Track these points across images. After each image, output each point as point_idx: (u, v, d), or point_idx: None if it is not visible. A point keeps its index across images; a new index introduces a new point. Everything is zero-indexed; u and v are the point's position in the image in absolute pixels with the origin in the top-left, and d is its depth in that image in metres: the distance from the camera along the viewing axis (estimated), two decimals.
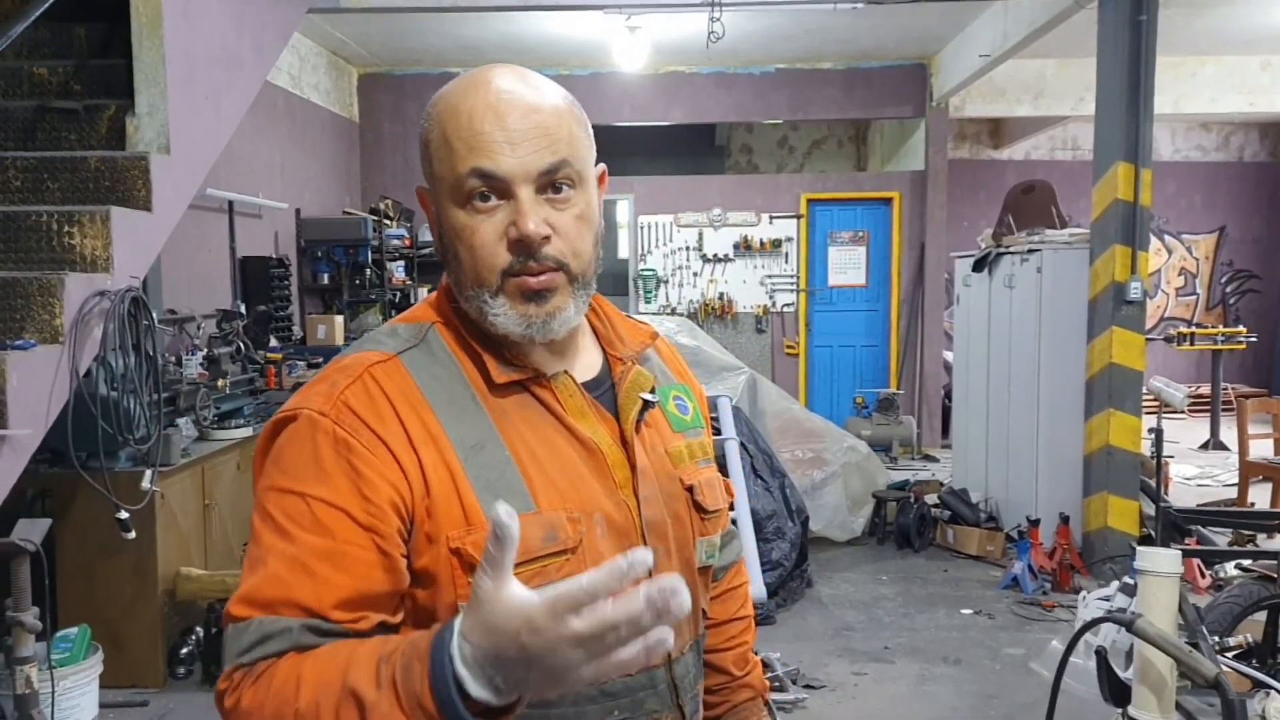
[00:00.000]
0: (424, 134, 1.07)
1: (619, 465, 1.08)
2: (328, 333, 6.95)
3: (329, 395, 1.00)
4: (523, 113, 1.01)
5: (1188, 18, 7.68)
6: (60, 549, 4.00)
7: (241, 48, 4.25)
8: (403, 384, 1.02)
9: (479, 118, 1.01)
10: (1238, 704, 1.81)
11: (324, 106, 8.37)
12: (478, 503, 0.99)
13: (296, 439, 0.99)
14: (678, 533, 1.13)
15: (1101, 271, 5.43)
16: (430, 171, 1.07)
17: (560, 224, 1.03)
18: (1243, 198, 11.81)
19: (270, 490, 0.98)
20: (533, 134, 1.01)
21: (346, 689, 0.86)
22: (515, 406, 1.06)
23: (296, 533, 0.95)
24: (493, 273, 1.03)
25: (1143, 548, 2.05)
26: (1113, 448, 5.45)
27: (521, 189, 1.01)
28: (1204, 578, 5.13)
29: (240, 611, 0.95)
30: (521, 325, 1.04)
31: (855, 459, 6.32)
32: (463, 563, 0.97)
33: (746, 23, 7.68)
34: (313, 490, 0.96)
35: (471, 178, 1.00)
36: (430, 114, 1.06)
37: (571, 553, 1.01)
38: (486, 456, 1.01)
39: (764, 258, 9.64)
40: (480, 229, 1.02)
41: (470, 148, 1.00)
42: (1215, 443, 9.20)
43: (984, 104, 9.59)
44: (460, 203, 1.03)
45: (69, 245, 3.21)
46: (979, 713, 3.93)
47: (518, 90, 1.03)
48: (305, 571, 0.94)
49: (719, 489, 1.21)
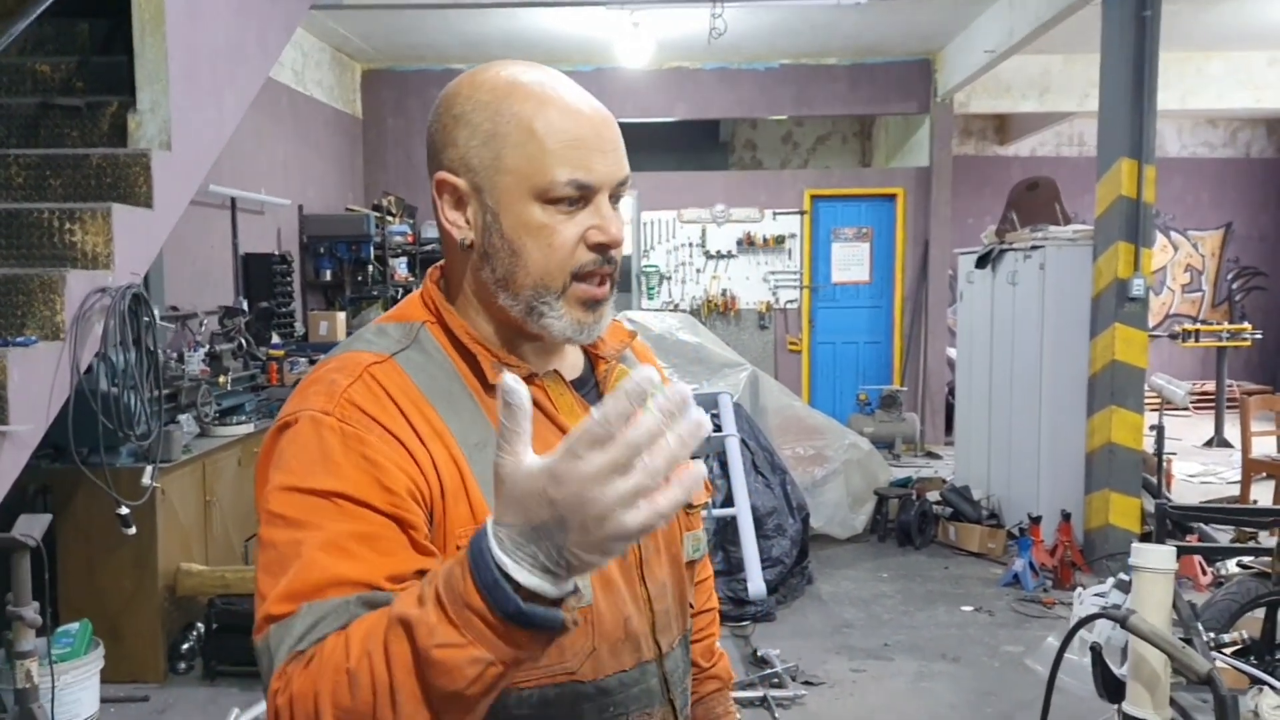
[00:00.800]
0: (480, 121, 1.03)
1: None
2: (330, 329, 6.96)
3: (330, 394, 0.97)
4: (605, 122, 1.05)
5: (1194, 13, 7.65)
6: (61, 544, 4.02)
7: (244, 44, 4.26)
8: (402, 383, 1.01)
9: (577, 122, 1.02)
10: (1230, 700, 1.81)
11: (327, 103, 8.38)
12: (484, 501, 0.97)
13: (300, 440, 0.95)
14: (665, 529, 1.13)
15: (1104, 268, 5.42)
16: (496, 161, 1.02)
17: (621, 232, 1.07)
18: (1249, 194, 11.77)
19: (278, 492, 0.94)
20: (614, 145, 1.05)
21: (391, 619, 0.81)
22: None
23: (322, 521, 0.90)
24: (563, 273, 1.03)
25: (1137, 544, 2.05)
26: (1115, 445, 5.44)
27: (602, 196, 1.03)
28: (1205, 574, 5.12)
29: (280, 608, 0.88)
30: (575, 330, 1.05)
31: (857, 456, 6.32)
32: None
33: (750, 18, 7.67)
34: (328, 486, 0.92)
35: (568, 185, 1.01)
36: (492, 102, 1.03)
37: None
38: (489, 455, 0.97)
39: (767, 254, 9.63)
40: (561, 230, 1.02)
41: (570, 153, 1.01)
42: (1219, 440, 9.18)
43: (989, 100, 9.57)
44: (544, 201, 1.02)
45: (70, 242, 3.23)
46: (977, 710, 3.94)
47: (589, 98, 1.06)
48: (343, 552, 0.89)
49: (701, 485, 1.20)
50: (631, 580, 1.08)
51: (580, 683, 1.03)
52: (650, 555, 1.11)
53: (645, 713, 1.09)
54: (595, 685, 1.04)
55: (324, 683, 0.82)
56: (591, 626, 1.03)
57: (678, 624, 1.16)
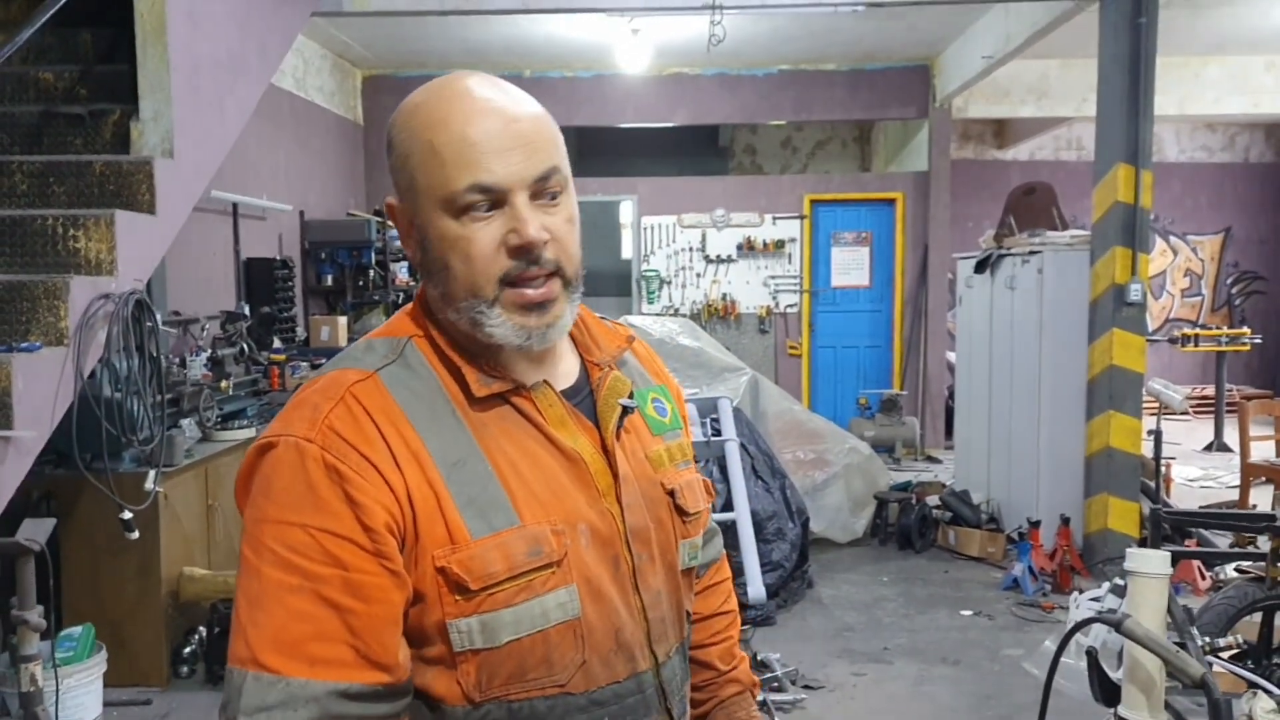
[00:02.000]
0: (399, 146, 1.04)
1: (601, 473, 1.08)
2: (331, 334, 6.98)
3: (313, 420, 0.98)
4: (510, 121, 1.02)
5: (1191, 18, 7.68)
6: (65, 549, 4.04)
7: (245, 52, 4.28)
8: (383, 402, 1.00)
9: (470, 128, 1.00)
10: (1224, 704, 1.83)
11: (328, 109, 8.41)
12: (461, 520, 0.98)
13: (285, 467, 0.97)
14: (660, 537, 1.13)
15: (1102, 273, 5.44)
16: (410, 184, 1.04)
17: (554, 228, 1.03)
18: (1248, 199, 11.79)
19: (265, 523, 0.96)
20: (525, 141, 1.01)
21: None
22: (495, 419, 1.05)
23: (307, 566, 0.94)
24: (490, 282, 1.02)
25: (1131, 549, 2.07)
26: (1113, 449, 5.46)
27: (518, 196, 1.01)
28: (1204, 579, 5.13)
29: (266, 659, 0.92)
30: (521, 336, 1.03)
31: (857, 460, 6.33)
32: (448, 581, 0.97)
33: (749, 25, 7.70)
34: (313, 521, 0.94)
35: (468, 191, 1.00)
36: (406, 125, 1.04)
37: (557, 565, 1.01)
38: (468, 472, 1.01)
39: (767, 258, 9.65)
40: (477, 238, 1.01)
41: (465, 160, 1.00)
42: (1219, 444, 9.19)
43: (987, 105, 9.59)
44: (454, 214, 1.01)
45: (74, 249, 3.25)
46: (976, 713, 3.95)
47: (500, 99, 1.03)
48: (329, 605, 0.93)
49: (699, 490, 1.21)
50: (625, 590, 1.08)
51: (571, 694, 1.03)
52: (644, 564, 1.10)
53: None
54: (587, 697, 1.04)
55: None
56: (581, 639, 1.03)
57: (674, 632, 1.15)
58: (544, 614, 1.00)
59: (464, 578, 0.97)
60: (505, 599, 0.99)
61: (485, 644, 0.99)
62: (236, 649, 0.95)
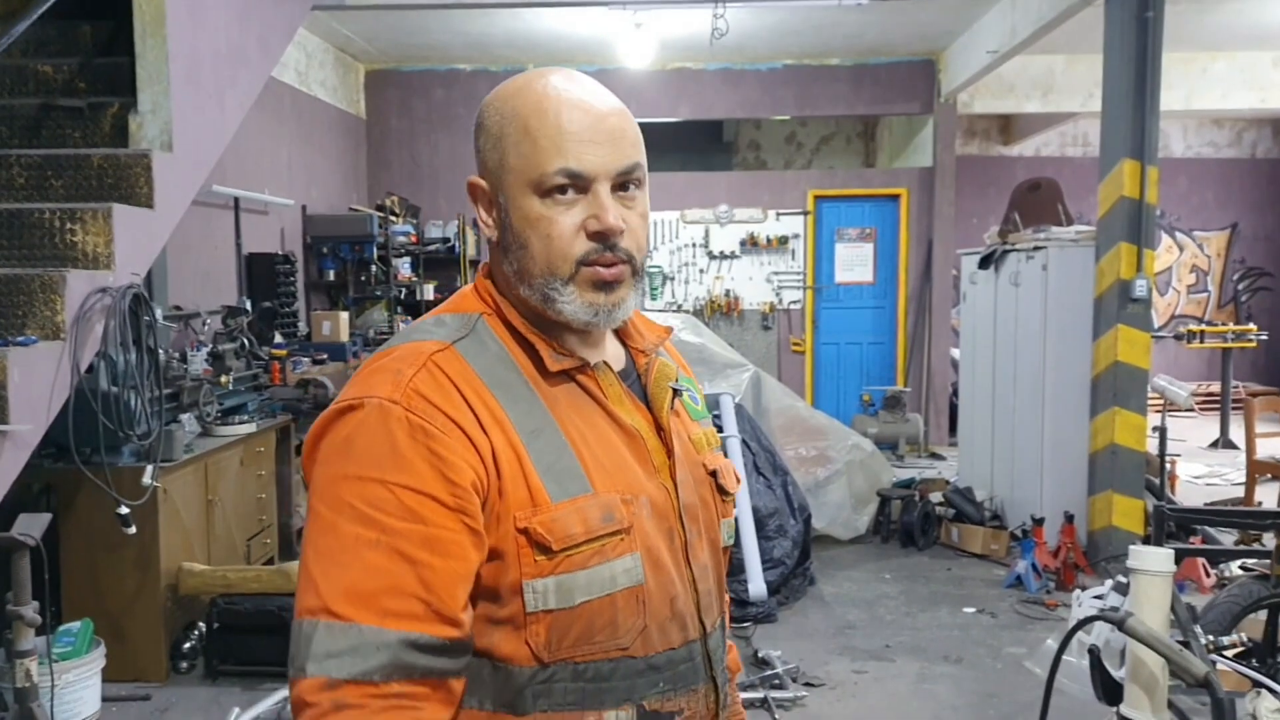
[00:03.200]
0: (493, 128, 1.11)
1: (656, 450, 1.15)
2: (333, 329, 6.97)
3: (396, 384, 1.02)
4: (601, 116, 1.09)
5: (1198, 13, 7.63)
6: (64, 544, 4.03)
7: (246, 45, 4.27)
8: (463, 370, 1.06)
9: (565, 117, 1.07)
10: (1227, 703, 1.80)
11: (331, 103, 8.40)
12: (542, 484, 1.04)
13: (367, 427, 1.01)
14: (705, 515, 1.20)
15: (1107, 269, 5.41)
16: (500, 163, 1.11)
17: (630, 221, 1.10)
18: (1255, 194, 11.74)
19: (345, 480, 1.00)
20: (614, 136, 1.09)
21: None
22: (564, 394, 1.12)
23: (386, 520, 0.97)
24: (567, 261, 1.08)
25: (1135, 547, 2.05)
26: (1118, 446, 5.43)
27: (601, 185, 1.08)
28: (1209, 577, 5.10)
29: (338, 608, 0.96)
30: (589, 313, 1.09)
31: (859, 457, 6.31)
32: (530, 542, 1.03)
33: (753, 19, 7.67)
34: (395, 477, 0.98)
35: (558, 175, 1.06)
36: (501, 109, 1.11)
37: (625, 533, 1.07)
38: (545, 441, 1.07)
39: (771, 254, 9.62)
40: (559, 220, 1.07)
41: (557, 146, 1.06)
42: (1225, 441, 9.15)
43: (993, 100, 9.55)
44: (540, 195, 1.08)
45: (71, 242, 3.24)
46: (978, 711, 3.93)
47: (593, 95, 1.11)
48: (405, 560, 0.97)
49: (731, 473, 1.29)
50: (678, 562, 1.14)
51: (632, 658, 1.09)
52: (694, 539, 1.16)
53: (691, 689, 1.14)
54: (646, 661, 1.10)
55: None
56: (642, 605, 1.09)
57: (718, 605, 1.21)
58: (612, 578, 1.06)
59: (547, 538, 1.03)
60: (581, 561, 1.04)
61: (559, 605, 1.04)
62: (306, 601, 0.98)
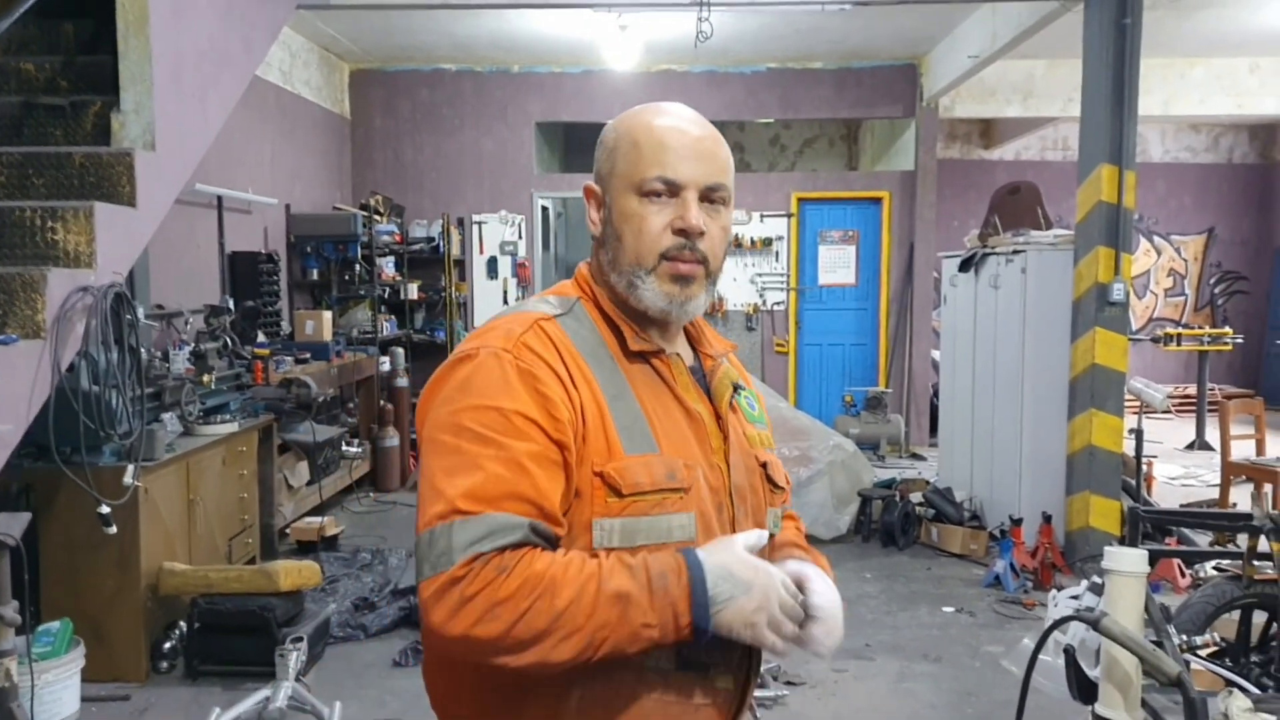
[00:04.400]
0: (610, 142, 1.34)
1: (714, 434, 1.33)
2: (316, 328, 6.95)
3: (508, 337, 1.22)
4: (698, 139, 1.30)
5: (1176, 20, 7.72)
6: (44, 543, 4.00)
7: (229, 44, 4.25)
8: (563, 338, 1.26)
9: (668, 136, 1.29)
10: (1199, 702, 1.83)
11: (315, 102, 8.37)
12: (618, 438, 1.22)
13: (484, 369, 1.19)
14: (754, 500, 1.36)
15: (1085, 273, 5.46)
16: (612, 170, 1.32)
17: (711, 229, 1.29)
18: (1231, 199, 11.87)
19: (465, 410, 1.17)
20: (705, 156, 1.29)
21: (606, 591, 1.11)
22: (641, 372, 1.30)
23: (502, 439, 1.15)
24: (653, 254, 1.28)
25: (1109, 548, 2.08)
26: (1095, 448, 5.48)
27: (689, 193, 1.28)
28: (1184, 577, 5.16)
29: (467, 505, 1.12)
30: (665, 301, 1.28)
31: (841, 457, 6.35)
32: (605, 484, 1.20)
33: (737, 22, 7.70)
34: (506, 404, 1.16)
35: (655, 180, 1.27)
36: (619, 127, 1.34)
37: (685, 492, 1.24)
38: (624, 405, 1.25)
39: (754, 256, 9.66)
40: (650, 217, 1.28)
41: (658, 157, 1.28)
42: (1201, 443, 9.25)
43: (974, 104, 9.62)
44: (638, 195, 1.28)
45: (52, 240, 3.22)
46: (957, 710, 3.97)
47: (694, 123, 1.32)
48: (522, 470, 1.14)
49: (783, 472, 1.47)
50: (725, 533, 1.28)
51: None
52: (741, 518, 1.32)
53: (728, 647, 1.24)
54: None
55: (525, 601, 1.09)
56: None
57: None
58: (669, 530, 1.22)
59: (618, 482, 1.20)
60: (644, 508, 1.21)
61: (622, 543, 1.19)
62: (434, 508, 1.13)
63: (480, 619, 1.08)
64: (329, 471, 6.65)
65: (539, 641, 1.09)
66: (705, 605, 1.13)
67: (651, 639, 1.13)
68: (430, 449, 1.18)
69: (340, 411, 7.47)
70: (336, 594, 5.03)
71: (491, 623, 1.08)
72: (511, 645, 1.09)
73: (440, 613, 1.09)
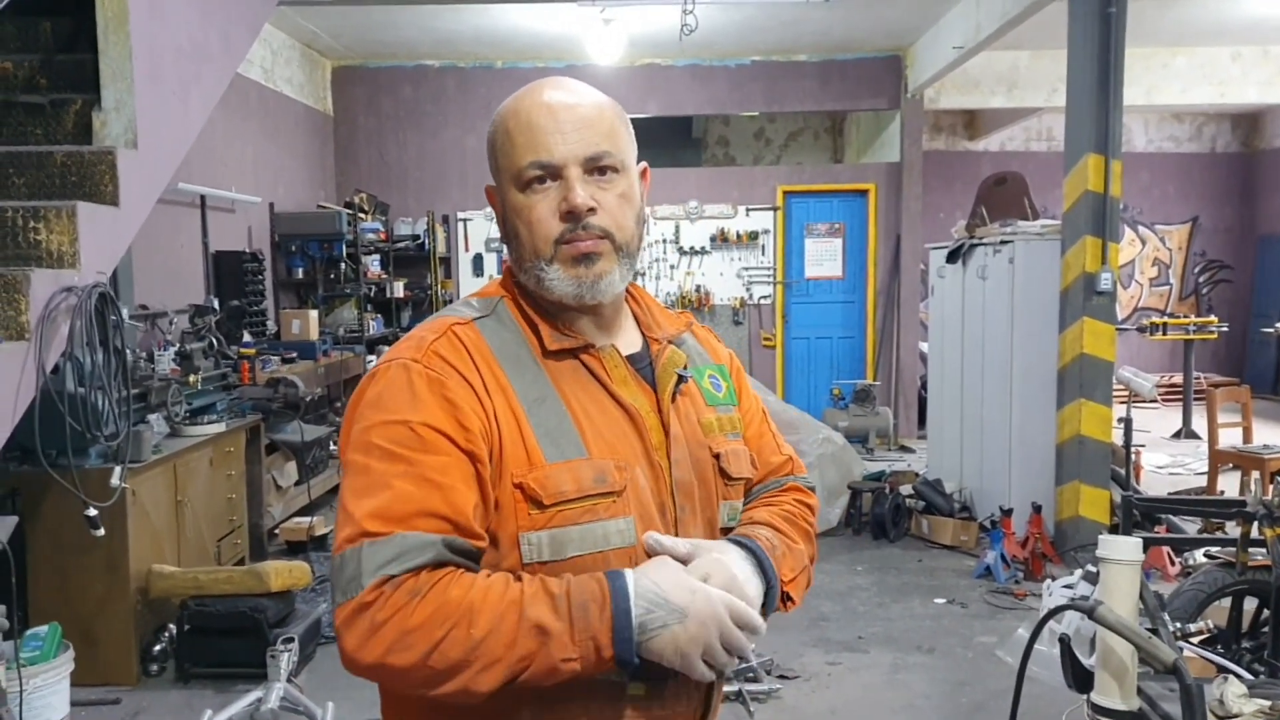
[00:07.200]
0: (490, 137, 1.26)
1: (654, 430, 1.25)
2: (302, 327, 6.91)
3: (419, 347, 1.17)
4: (570, 108, 1.21)
5: (1159, 9, 7.74)
6: (31, 547, 3.97)
7: (210, 41, 4.21)
8: (478, 343, 1.20)
9: (534, 115, 1.21)
10: (1195, 688, 1.83)
11: (297, 99, 8.32)
12: (538, 446, 1.15)
13: (392, 382, 1.14)
14: (703, 494, 1.28)
15: (1072, 262, 5.48)
16: (496, 166, 1.26)
17: (605, 201, 1.21)
18: (1215, 188, 11.93)
19: (373, 426, 1.12)
20: (581, 125, 1.21)
21: (527, 622, 1.05)
22: (569, 370, 1.23)
23: (410, 454, 1.09)
24: (547, 243, 1.20)
25: (1104, 536, 2.08)
26: (1084, 437, 5.50)
27: (570, 171, 1.20)
28: (1174, 565, 5.19)
29: (375, 527, 1.06)
30: (573, 286, 1.21)
31: (831, 450, 6.35)
32: (525, 496, 1.14)
33: (721, 16, 7.68)
34: (413, 417, 1.11)
35: (531, 167, 1.20)
36: (494, 120, 1.26)
37: (618, 496, 1.17)
38: (546, 409, 1.18)
39: (741, 250, 9.66)
40: (537, 206, 1.20)
41: (529, 141, 1.20)
42: (1187, 431, 9.30)
43: (959, 95, 9.64)
44: (521, 187, 1.21)
45: (34, 241, 3.18)
46: (950, 700, 3.97)
47: (566, 93, 1.24)
48: (432, 485, 1.08)
49: (745, 460, 1.36)
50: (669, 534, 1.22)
51: None
52: (685, 515, 1.25)
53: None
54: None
55: (438, 629, 1.03)
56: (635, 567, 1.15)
57: None
58: (605, 537, 1.16)
59: (539, 493, 1.13)
60: (573, 517, 1.14)
61: (552, 557, 1.13)
62: (343, 534, 1.08)
63: (392, 647, 1.03)
64: (317, 471, 6.62)
65: (458, 672, 1.04)
66: (629, 639, 1.06)
67: (574, 671, 1.06)
68: (345, 470, 1.14)
69: (328, 411, 7.43)
70: (327, 594, 5.00)
71: (404, 651, 1.03)
72: (429, 676, 1.04)
73: (352, 640, 1.04)
